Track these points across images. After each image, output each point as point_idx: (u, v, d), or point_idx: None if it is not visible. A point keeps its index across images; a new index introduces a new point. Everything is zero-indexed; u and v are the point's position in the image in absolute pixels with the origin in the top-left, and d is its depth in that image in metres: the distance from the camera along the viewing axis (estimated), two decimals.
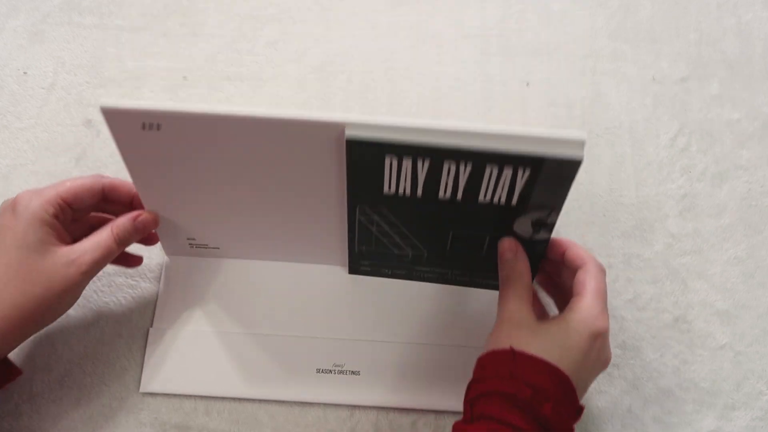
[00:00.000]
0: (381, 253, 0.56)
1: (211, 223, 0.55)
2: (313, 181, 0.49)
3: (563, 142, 0.43)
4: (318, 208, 0.52)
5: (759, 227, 0.64)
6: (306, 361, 0.57)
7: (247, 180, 0.49)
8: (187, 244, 0.58)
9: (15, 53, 0.70)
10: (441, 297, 0.60)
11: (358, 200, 0.50)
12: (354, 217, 0.52)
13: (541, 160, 0.43)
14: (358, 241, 0.55)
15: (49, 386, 0.56)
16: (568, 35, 0.72)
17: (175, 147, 0.46)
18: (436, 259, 0.56)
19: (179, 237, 0.57)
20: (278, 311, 0.59)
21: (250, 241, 0.58)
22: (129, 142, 0.46)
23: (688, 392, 0.58)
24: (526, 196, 0.46)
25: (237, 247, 0.59)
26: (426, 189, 0.47)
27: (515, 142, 0.43)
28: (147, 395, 0.56)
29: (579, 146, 0.43)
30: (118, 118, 0.45)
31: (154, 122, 0.45)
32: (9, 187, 0.63)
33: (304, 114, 0.43)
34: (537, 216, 0.48)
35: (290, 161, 0.47)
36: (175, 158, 0.48)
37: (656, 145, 0.67)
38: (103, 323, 0.59)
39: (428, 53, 0.72)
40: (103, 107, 0.43)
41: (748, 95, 0.70)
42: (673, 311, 0.61)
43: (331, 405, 0.56)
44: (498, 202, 0.47)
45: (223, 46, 0.71)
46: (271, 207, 0.52)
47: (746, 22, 0.73)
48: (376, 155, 0.45)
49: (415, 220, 0.51)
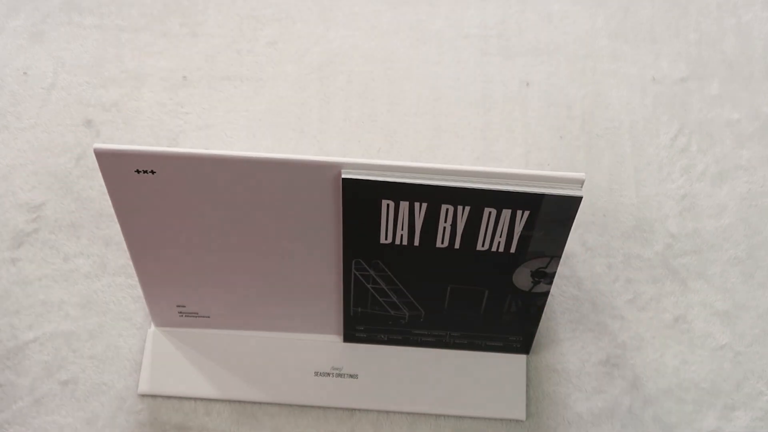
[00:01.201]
0: (377, 315, 0.54)
1: (203, 283, 0.53)
2: (310, 229, 0.48)
3: (562, 180, 0.43)
4: (314, 262, 0.51)
5: (759, 227, 0.64)
6: (304, 365, 0.57)
7: (241, 229, 0.48)
8: (176, 313, 0.56)
9: (15, 53, 0.70)
10: None
11: (354, 252, 0.49)
12: (350, 272, 0.51)
13: (540, 198, 0.43)
14: (353, 301, 0.53)
15: (49, 386, 0.56)
16: (568, 35, 0.72)
17: (168, 192, 0.45)
18: (434, 319, 0.54)
19: (169, 303, 0.55)
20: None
21: (242, 306, 0.55)
22: (121, 187, 0.45)
23: (688, 392, 0.58)
24: (525, 241, 0.46)
25: (228, 315, 0.56)
26: (423, 237, 0.46)
27: (514, 181, 0.43)
28: (147, 396, 0.56)
29: (578, 184, 0.43)
30: (111, 162, 0.43)
31: (149, 168, 0.44)
32: (9, 187, 0.63)
33: (301, 156, 0.43)
34: (536, 266, 0.48)
35: (287, 207, 0.46)
36: (169, 205, 0.46)
37: (656, 145, 0.67)
38: (103, 323, 0.59)
39: (428, 53, 0.72)
40: (96, 150, 0.43)
41: (748, 95, 0.70)
42: (673, 311, 0.61)
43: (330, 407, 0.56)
44: (497, 250, 0.47)
45: (223, 46, 0.71)
46: (267, 261, 0.51)
47: (746, 22, 0.73)
48: (373, 198, 0.44)
49: (413, 274, 0.50)
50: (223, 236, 0.49)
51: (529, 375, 0.58)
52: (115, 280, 0.60)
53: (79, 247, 0.61)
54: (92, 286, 0.60)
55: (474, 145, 0.67)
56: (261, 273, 0.52)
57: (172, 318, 0.56)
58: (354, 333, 0.57)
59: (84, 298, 0.59)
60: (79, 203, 0.63)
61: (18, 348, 0.58)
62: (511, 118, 0.68)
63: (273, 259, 0.51)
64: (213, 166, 0.44)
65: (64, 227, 0.62)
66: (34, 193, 0.63)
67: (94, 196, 0.63)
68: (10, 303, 0.59)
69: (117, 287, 0.60)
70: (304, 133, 0.67)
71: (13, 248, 0.61)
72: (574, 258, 0.62)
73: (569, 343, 0.59)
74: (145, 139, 0.66)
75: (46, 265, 0.61)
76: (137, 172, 0.44)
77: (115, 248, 0.61)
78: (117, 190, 0.46)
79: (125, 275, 0.60)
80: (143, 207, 0.47)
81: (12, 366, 0.57)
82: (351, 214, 0.46)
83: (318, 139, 0.67)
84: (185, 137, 0.66)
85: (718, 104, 0.69)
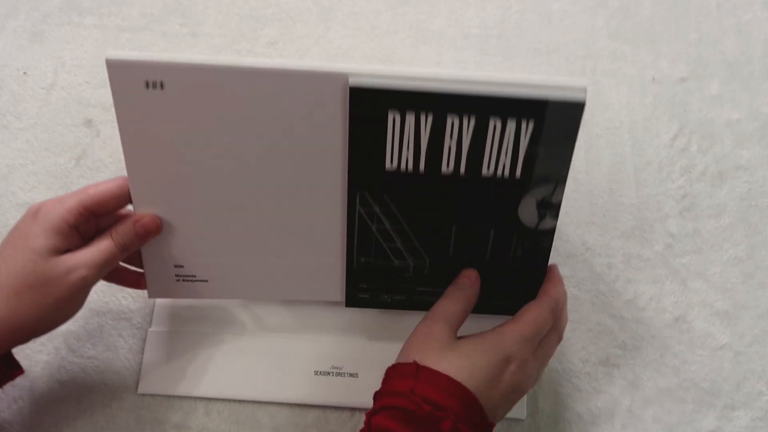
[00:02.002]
0: (380, 267, 0.54)
1: (203, 231, 0.52)
2: (316, 154, 0.48)
3: (565, 87, 0.44)
4: (318, 199, 0.51)
5: (759, 227, 0.64)
6: (304, 364, 0.57)
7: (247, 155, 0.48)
8: (173, 276, 0.55)
9: (15, 53, 0.70)
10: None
11: (359, 182, 0.49)
12: (354, 210, 0.51)
13: (544, 104, 0.44)
14: (357, 248, 0.53)
15: (49, 386, 0.56)
16: (568, 35, 0.72)
17: (176, 111, 0.46)
18: (439, 272, 0.53)
19: (166, 264, 0.54)
20: (276, 313, 0.59)
21: (242, 265, 0.54)
22: (129, 103, 0.46)
23: (688, 392, 0.58)
24: (530, 161, 0.47)
25: (227, 277, 0.55)
26: (429, 161, 0.47)
27: (518, 87, 0.44)
28: (147, 395, 0.56)
29: (581, 91, 0.44)
30: (122, 73, 0.44)
31: (158, 79, 0.44)
32: (9, 187, 0.63)
33: (310, 64, 0.45)
34: (542, 194, 0.48)
35: (294, 126, 0.47)
36: (175, 126, 0.47)
37: (656, 145, 0.67)
38: (103, 323, 0.59)
39: (428, 53, 0.72)
40: (108, 59, 0.44)
41: (748, 95, 0.70)
42: (673, 311, 0.61)
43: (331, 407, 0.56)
44: (502, 175, 0.47)
45: (223, 46, 0.71)
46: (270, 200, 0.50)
47: (746, 22, 0.73)
48: (380, 108, 0.45)
49: (418, 209, 0.50)
50: (227, 166, 0.49)
51: None
52: None
53: None
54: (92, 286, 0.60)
55: None
56: (264, 216, 0.52)
57: (168, 284, 0.55)
58: (357, 293, 0.55)
59: None
60: None
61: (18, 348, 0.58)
62: None
63: (277, 199, 0.51)
64: (221, 75, 0.45)
65: None
66: (34, 193, 0.63)
67: None
68: None
69: (117, 287, 0.60)
70: None
71: None
72: (574, 258, 0.62)
73: (569, 343, 0.59)
74: None
75: None
76: (146, 88, 0.45)
77: None
78: (124, 105, 0.46)
79: None
80: (149, 130, 0.47)
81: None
82: (358, 131, 0.47)
83: None
84: None
85: (718, 104, 0.69)
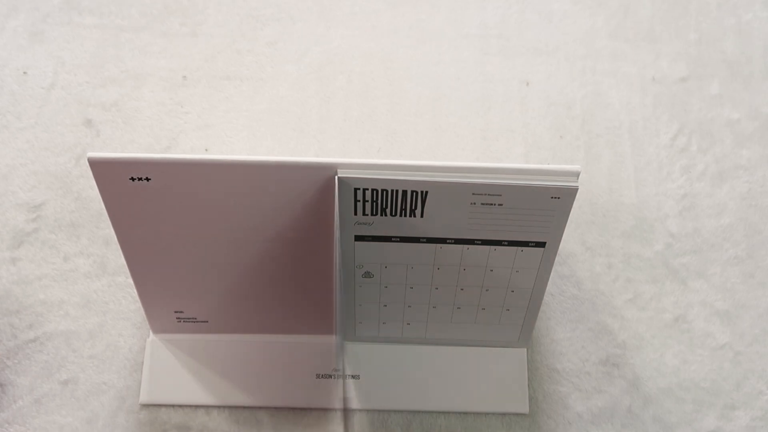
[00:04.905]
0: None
1: (201, 288, 0.53)
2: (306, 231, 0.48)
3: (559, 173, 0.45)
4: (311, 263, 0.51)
5: (759, 227, 0.64)
6: (305, 367, 0.57)
7: (238, 233, 0.48)
8: (174, 319, 0.56)
9: (15, 53, 0.70)
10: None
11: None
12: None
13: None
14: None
15: (49, 386, 0.56)
16: (568, 35, 0.72)
17: (164, 199, 0.45)
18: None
19: (166, 310, 0.55)
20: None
21: (240, 309, 0.55)
22: (116, 195, 0.45)
23: (688, 392, 0.58)
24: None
25: (226, 319, 0.56)
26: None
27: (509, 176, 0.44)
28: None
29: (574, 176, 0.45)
30: (105, 170, 0.43)
31: (143, 175, 0.43)
32: (9, 187, 0.63)
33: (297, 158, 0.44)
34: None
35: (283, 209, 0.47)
36: (164, 212, 0.46)
37: (656, 145, 0.67)
38: (103, 323, 0.59)
39: (428, 53, 0.72)
40: (90, 158, 0.42)
41: (748, 95, 0.70)
42: (673, 311, 0.61)
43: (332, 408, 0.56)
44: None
45: (223, 46, 0.71)
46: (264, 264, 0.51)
47: (746, 22, 0.73)
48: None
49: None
50: (220, 241, 0.49)
51: (529, 374, 0.58)
52: (114, 279, 0.60)
53: (79, 246, 0.61)
54: (92, 286, 0.60)
55: (474, 144, 0.67)
56: (259, 276, 0.52)
57: (170, 324, 0.56)
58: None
59: (84, 297, 0.59)
60: (78, 203, 0.63)
61: (18, 348, 0.58)
62: (510, 118, 0.68)
63: (270, 262, 0.51)
64: (207, 171, 0.44)
65: (63, 227, 0.62)
66: (34, 193, 0.63)
67: (94, 196, 0.63)
68: (10, 303, 0.59)
69: (117, 287, 0.60)
70: (304, 133, 0.67)
71: (13, 248, 0.61)
72: (574, 258, 0.62)
73: (569, 343, 0.59)
74: (145, 138, 0.66)
75: (45, 264, 0.61)
76: (132, 180, 0.44)
77: (115, 248, 0.61)
78: (112, 198, 0.45)
79: (125, 275, 0.60)
80: (139, 214, 0.46)
81: (12, 366, 0.57)
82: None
83: (318, 139, 0.67)
84: (185, 137, 0.66)
85: (718, 104, 0.69)
